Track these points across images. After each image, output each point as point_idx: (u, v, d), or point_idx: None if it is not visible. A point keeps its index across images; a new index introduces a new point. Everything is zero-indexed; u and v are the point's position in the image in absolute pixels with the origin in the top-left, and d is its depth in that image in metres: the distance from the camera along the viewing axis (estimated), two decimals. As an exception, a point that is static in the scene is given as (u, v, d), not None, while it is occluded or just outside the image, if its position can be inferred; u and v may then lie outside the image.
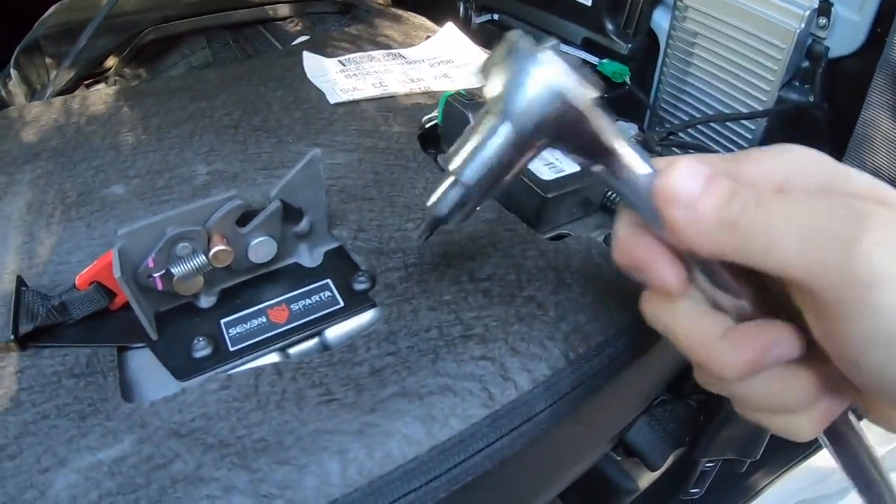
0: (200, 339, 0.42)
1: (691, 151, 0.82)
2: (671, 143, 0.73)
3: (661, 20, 0.84)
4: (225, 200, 0.42)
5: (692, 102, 0.84)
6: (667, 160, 0.29)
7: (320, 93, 0.68)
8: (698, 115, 0.84)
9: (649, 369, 0.50)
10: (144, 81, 0.74)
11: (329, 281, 0.47)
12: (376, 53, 0.77)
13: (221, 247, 0.42)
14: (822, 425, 0.29)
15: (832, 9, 0.65)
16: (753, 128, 0.77)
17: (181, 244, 0.42)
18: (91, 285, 0.44)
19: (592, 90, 0.29)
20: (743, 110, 0.77)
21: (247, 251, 0.45)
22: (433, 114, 0.62)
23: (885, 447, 0.68)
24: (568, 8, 0.91)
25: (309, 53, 0.75)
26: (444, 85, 0.71)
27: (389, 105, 0.67)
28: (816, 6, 0.65)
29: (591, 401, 0.42)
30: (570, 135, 0.29)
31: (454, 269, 0.47)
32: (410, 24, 0.91)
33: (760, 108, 0.74)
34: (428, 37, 0.85)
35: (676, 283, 0.29)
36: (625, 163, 0.29)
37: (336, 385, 0.38)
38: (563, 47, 0.94)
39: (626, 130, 0.71)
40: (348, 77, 0.71)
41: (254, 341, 0.43)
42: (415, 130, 0.63)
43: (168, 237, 0.41)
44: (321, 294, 0.46)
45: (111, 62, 0.87)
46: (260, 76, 0.73)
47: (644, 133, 0.70)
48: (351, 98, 0.66)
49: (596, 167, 0.30)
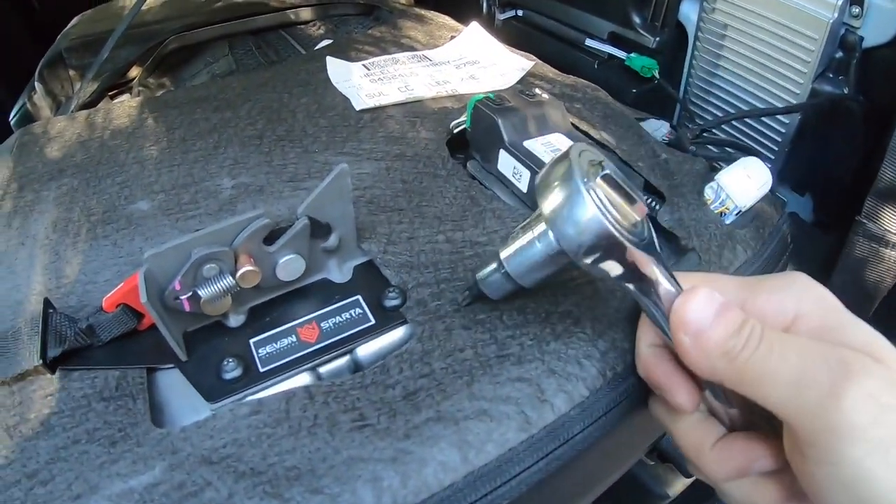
0: (230, 360, 0.41)
1: (725, 149, 0.79)
2: (704, 141, 0.70)
3: (690, 12, 0.81)
4: (251, 219, 0.41)
5: (723, 96, 0.81)
6: (693, 278, 0.34)
7: (345, 99, 0.67)
8: (729, 109, 0.81)
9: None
10: (168, 92, 0.74)
11: (359, 297, 0.46)
12: (401, 56, 0.76)
13: (249, 267, 0.41)
14: None
15: None
16: (787, 121, 0.74)
17: (208, 265, 0.41)
18: (118, 307, 0.43)
19: (636, 215, 0.33)
20: (775, 103, 0.74)
21: (275, 269, 0.44)
22: (461, 119, 0.60)
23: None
24: (593, 2, 0.89)
25: (332, 59, 0.74)
26: (471, 87, 0.69)
27: (416, 110, 0.65)
28: None
29: (628, 419, 0.40)
30: (609, 257, 0.32)
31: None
32: (434, 24, 0.90)
33: (794, 101, 0.72)
34: (452, 37, 0.83)
35: (688, 406, 0.33)
36: (654, 286, 0.33)
37: (369, 409, 0.37)
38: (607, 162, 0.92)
39: (658, 128, 0.69)
40: (373, 82, 0.70)
41: (284, 361, 0.42)
42: (443, 136, 0.61)
43: (194, 259, 0.40)
44: (352, 311, 0.45)
45: (134, 72, 0.87)
46: (284, 83, 0.72)
47: (676, 131, 0.67)
48: (377, 104, 0.65)
49: (626, 283, 0.33)
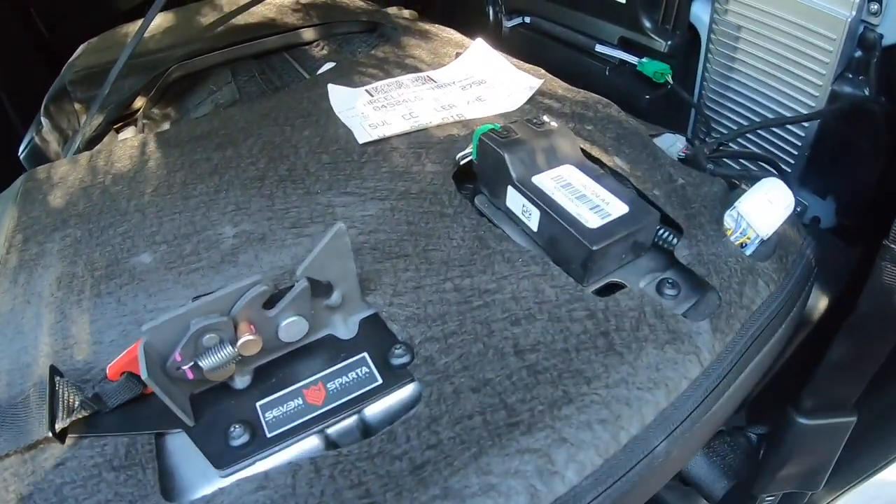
0: (236, 427, 0.41)
1: (742, 162, 0.77)
2: (722, 155, 0.68)
3: (702, 13, 0.78)
4: (249, 286, 0.40)
5: (739, 99, 0.78)
6: None
7: (348, 131, 0.66)
8: (746, 112, 0.78)
9: (709, 426, 0.46)
10: (170, 128, 0.73)
11: (365, 354, 0.45)
12: (405, 79, 0.74)
13: (249, 336, 0.40)
14: None
15: None
16: (807, 125, 0.71)
17: (207, 336, 0.40)
18: (122, 375, 0.43)
19: None
20: (793, 105, 0.71)
21: (277, 332, 0.43)
22: (468, 150, 0.58)
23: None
24: (602, 6, 0.86)
25: (335, 87, 0.72)
26: (478, 110, 0.67)
27: (421, 140, 0.64)
28: None
29: (645, 480, 0.39)
30: None
31: (497, 338, 0.44)
32: (439, 41, 0.87)
33: (812, 103, 0.69)
34: (458, 53, 0.81)
35: None
36: None
37: (375, 485, 0.36)
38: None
39: (674, 143, 0.67)
40: (377, 109, 0.68)
41: (291, 426, 0.41)
42: (449, 168, 0.59)
43: (193, 331, 0.39)
44: (358, 370, 0.44)
45: (139, 103, 0.86)
46: (286, 114, 0.70)
47: (693, 146, 0.65)
48: (381, 135, 0.63)
49: None
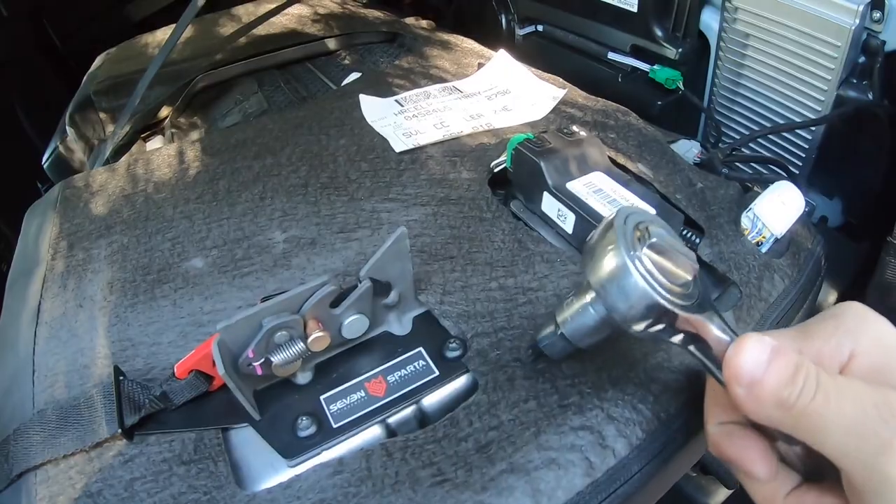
0: (303, 419, 0.43)
1: (754, 166, 0.80)
2: (735, 159, 0.71)
3: (711, 21, 0.82)
4: (318, 287, 0.43)
5: (748, 105, 0.82)
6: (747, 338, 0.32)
7: (383, 140, 0.68)
8: (754, 118, 0.82)
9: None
10: (204, 137, 0.75)
11: (421, 349, 0.48)
12: (432, 89, 0.77)
13: (319, 333, 0.43)
14: None
15: (886, 1, 0.62)
16: (813, 129, 0.75)
17: (279, 333, 0.43)
18: (191, 374, 0.45)
19: (687, 275, 0.34)
20: (800, 110, 0.75)
21: (340, 329, 0.46)
22: (501, 158, 0.61)
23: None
24: (613, 15, 0.90)
25: (365, 97, 0.75)
26: (505, 120, 0.71)
27: (455, 149, 0.67)
28: (869, 0, 0.63)
29: (681, 452, 0.43)
30: (660, 322, 0.33)
31: (544, 332, 0.47)
32: (460, 51, 0.91)
33: (819, 108, 0.72)
34: (480, 63, 0.84)
35: (766, 476, 0.33)
36: (707, 343, 0.33)
37: (446, 464, 0.39)
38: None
39: (689, 149, 0.70)
40: (408, 119, 0.71)
41: (355, 417, 0.44)
42: (484, 176, 0.62)
43: (266, 329, 0.42)
44: (415, 363, 0.47)
45: (165, 112, 0.88)
46: (319, 124, 0.73)
47: (708, 152, 0.68)
48: (416, 144, 0.67)
49: (676, 338, 0.34)
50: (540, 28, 1.04)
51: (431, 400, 0.46)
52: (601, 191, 0.55)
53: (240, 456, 0.44)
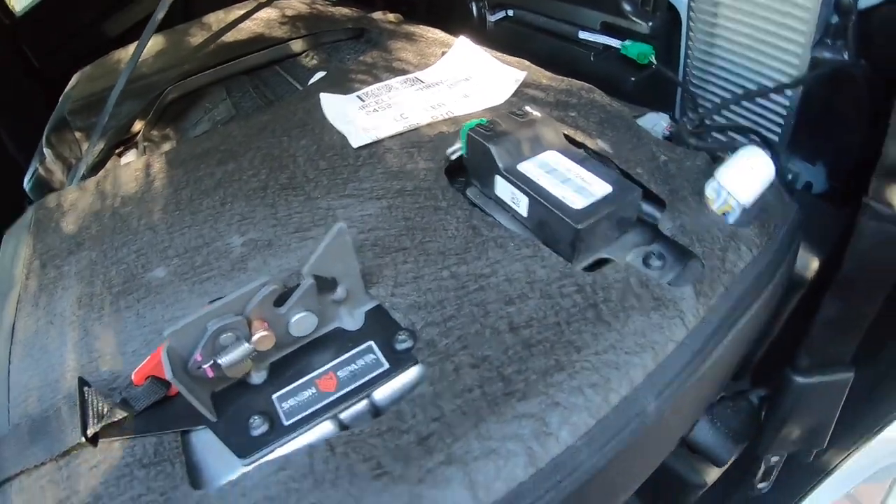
0: (256, 418, 0.43)
1: (729, 134, 0.78)
2: (709, 130, 0.70)
3: (680, -7, 0.80)
4: (259, 287, 0.43)
5: (723, 75, 0.80)
6: None
7: (343, 136, 0.68)
8: (730, 87, 0.80)
9: (701, 387, 0.48)
10: (171, 149, 0.76)
11: (372, 343, 0.48)
12: (394, 82, 0.77)
13: (263, 332, 0.43)
14: None
15: None
16: (790, 94, 0.73)
17: (224, 335, 0.43)
18: (147, 380, 0.46)
19: None
20: (776, 76, 0.73)
21: (288, 327, 0.46)
22: (457, 146, 0.61)
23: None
24: (583, -6, 0.89)
25: (326, 95, 0.75)
26: (466, 106, 0.70)
27: (413, 139, 0.66)
28: None
29: (640, 440, 0.41)
30: None
31: (493, 318, 0.46)
32: (424, 41, 0.90)
33: (794, 72, 0.70)
34: (444, 52, 0.83)
35: None
36: None
37: (386, 457, 0.39)
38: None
39: (657, 122, 0.69)
40: (369, 114, 0.71)
41: (307, 413, 0.44)
42: (441, 165, 0.62)
43: (211, 332, 0.42)
44: (366, 357, 0.47)
45: (138, 126, 0.89)
46: (283, 126, 0.73)
47: (676, 123, 0.67)
48: (374, 138, 0.66)
49: None
50: (510, 13, 1.03)
51: (383, 393, 0.45)
52: (554, 170, 0.54)
53: (198, 457, 0.44)
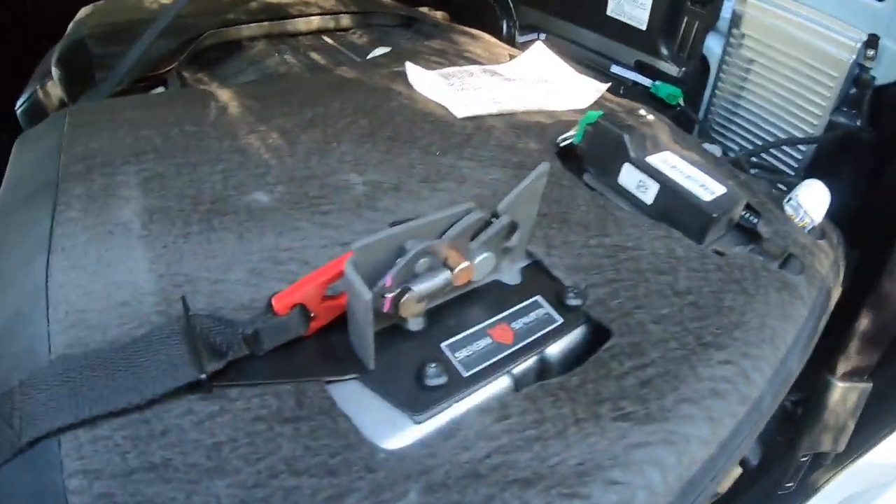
0: (432, 366, 0.38)
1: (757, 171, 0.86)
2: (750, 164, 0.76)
3: (714, 46, 0.88)
4: (464, 212, 0.40)
5: (744, 124, 0.88)
6: None
7: (438, 106, 0.67)
8: (749, 136, 0.88)
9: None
10: (234, 86, 0.70)
11: (539, 298, 0.46)
12: (473, 69, 0.77)
13: (465, 263, 0.40)
14: None
15: (879, 41, 0.71)
16: (804, 149, 0.82)
17: (421, 260, 0.39)
18: (293, 309, 0.39)
19: None
20: (794, 133, 0.82)
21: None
22: (569, 133, 0.62)
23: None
24: (621, 30, 0.94)
25: (413, 66, 0.74)
26: (554, 103, 0.71)
27: (514, 123, 0.66)
28: (865, 39, 0.71)
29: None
30: None
31: (653, 284, 0.47)
32: (484, 41, 0.91)
33: (811, 131, 0.79)
34: (511, 55, 0.85)
35: None
36: None
37: (618, 399, 0.38)
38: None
39: (712, 151, 0.74)
40: (458, 91, 0.70)
41: (486, 365, 0.40)
42: (551, 149, 0.62)
43: (413, 253, 0.38)
44: (536, 312, 0.45)
45: (164, 65, 0.82)
46: (365, 86, 0.70)
47: (727, 156, 0.73)
48: (476, 112, 0.65)
49: None
50: (541, 36, 1.06)
51: (555, 349, 0.44)
52: (676, 167, 0.57)
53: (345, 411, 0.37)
